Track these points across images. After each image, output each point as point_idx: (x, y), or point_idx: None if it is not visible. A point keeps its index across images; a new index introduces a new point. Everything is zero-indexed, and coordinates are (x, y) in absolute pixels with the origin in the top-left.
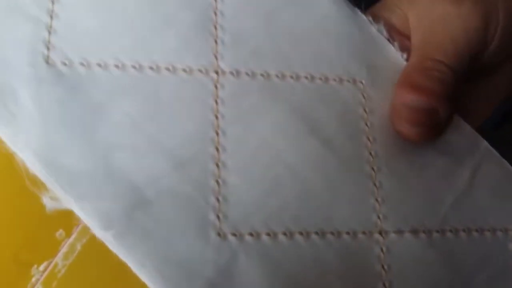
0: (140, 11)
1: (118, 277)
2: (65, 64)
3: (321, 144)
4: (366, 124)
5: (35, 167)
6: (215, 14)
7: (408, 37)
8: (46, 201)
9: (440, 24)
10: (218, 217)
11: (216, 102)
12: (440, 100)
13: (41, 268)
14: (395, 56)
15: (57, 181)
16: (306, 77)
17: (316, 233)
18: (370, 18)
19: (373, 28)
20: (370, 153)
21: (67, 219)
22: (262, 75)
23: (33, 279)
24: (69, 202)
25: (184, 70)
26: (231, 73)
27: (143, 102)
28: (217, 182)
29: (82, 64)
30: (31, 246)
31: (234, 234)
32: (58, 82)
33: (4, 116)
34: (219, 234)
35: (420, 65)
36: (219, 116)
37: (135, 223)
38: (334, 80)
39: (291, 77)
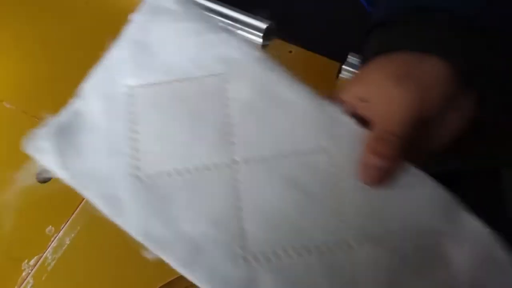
0: None
1: (105, 270)
2: None
3: None
4: None
5: None
6: None
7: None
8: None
9: (388, 103)
10: None
11: None
12: (392, 160)
13: (32, 262)
14: None
15: None
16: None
17: None
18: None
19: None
20: None
21: (56, 215)
22: None
23: (24, 273)
24: None
25: None
26: None
27: None
28: None
29: None
30: (22, 242)
31: None
32: None
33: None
34: None
35: (380, 136)
36: None
37: None
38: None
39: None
